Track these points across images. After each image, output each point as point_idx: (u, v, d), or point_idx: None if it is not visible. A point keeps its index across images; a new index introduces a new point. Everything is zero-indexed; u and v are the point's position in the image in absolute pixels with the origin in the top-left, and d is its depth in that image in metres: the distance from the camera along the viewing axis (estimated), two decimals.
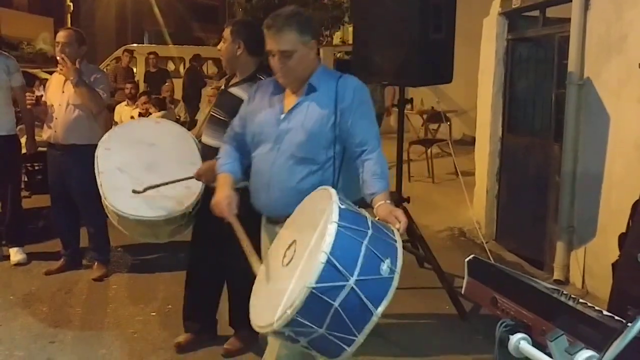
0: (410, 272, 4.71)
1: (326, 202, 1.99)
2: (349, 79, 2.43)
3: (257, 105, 2.50)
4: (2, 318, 3.86)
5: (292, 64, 2.33)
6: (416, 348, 3.54)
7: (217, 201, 2.40)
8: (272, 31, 2.31)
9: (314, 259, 1.80)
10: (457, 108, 9.99)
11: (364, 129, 2.36)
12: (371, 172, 2.31)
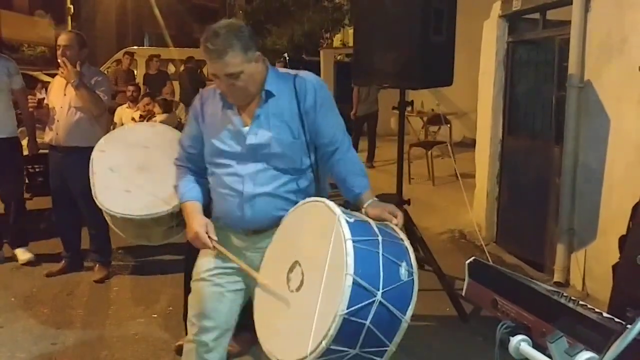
0: None
1: (327, 216, 1.91)
2: (305, 76, 2.27)
3: (211, 122, 2.28)
4: (3, 320, 3.87)
5: (241, 84, 2.14)
6: (417, 350, 3.54)
7: (195, 233, 2.22)
8: (213, 56, 2.08)
9: (338, 283, 1.75)
10: (457, 110, 10.01)
11: (331, 127, 2.25)
12: (350, 171, 2.24)
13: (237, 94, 2.18)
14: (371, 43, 4.22)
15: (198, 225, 2.23)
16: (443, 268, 4.14)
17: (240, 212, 2.21)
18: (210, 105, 2.29)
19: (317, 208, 2.01)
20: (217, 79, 2.15)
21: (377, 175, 8.56)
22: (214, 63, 2.09)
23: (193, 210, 2.28)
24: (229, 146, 2.21)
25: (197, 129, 2.31)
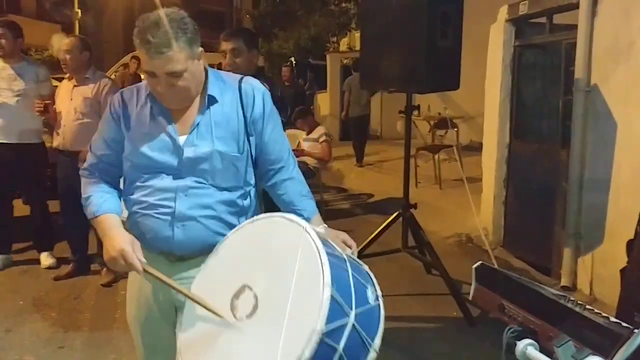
0: (417, 279, 4.75)
1: (290, 230, 1.68)
2: (253, 82, 2.01)
3: (137, 129, 1.92)
4: (11, 323, 3.90)
5: (183, 84, 1.82)
6: (423, 354, 3.55)
7: (120, 251, 1.80)
8: (154, 50, 1.74)
9: (313, 298, 1.50)
10: (464, 114, 10.00)
11: (278, 142, 2.01)
12: (297, 193, 2.01)
13: (176, 97, 1.86)
14: (378, 47, 4.23)
15: (123, 242, 1.82)
16: (450, 272, 4.14)
17: (169, 232, 1.88)
18: (134, 109, 1.94)
19: (274, 224, 1.76)
20: (151, 78, 1.82)
21: (383, 178, 8.58)
22: (153, 59, 1.75)
23: (113, 224, 1.88)
24: (160, 158, 1.88)
25: (117, 134, 1.96)
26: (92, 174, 2.00)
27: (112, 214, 1.92)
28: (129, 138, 1.93)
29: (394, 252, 4.60)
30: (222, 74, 2.01)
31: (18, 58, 4.89)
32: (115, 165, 1.99)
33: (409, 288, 4.59)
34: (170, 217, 1.87)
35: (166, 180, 1.89)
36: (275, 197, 2.04)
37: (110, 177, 2.01)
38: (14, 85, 4.74)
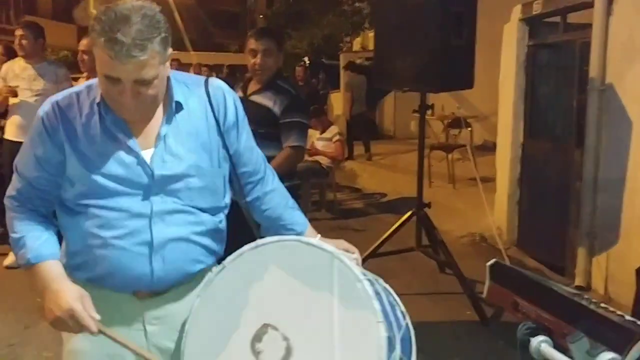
0: (431, 278, 4.75)
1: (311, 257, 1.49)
2: (219, 85, 1.71)
3: (86, 146, 1.55)
4: (29, 320, 3.94)
5: (152, 92, 1.49)
6: (437, 353, 3.54)
7: (69, 310, 1.49)
8: (124, 53, 1.40)
9: (365, 337, 1.38)
10: (478, 114, 9.97)
11: (254, 151, 1.78)
12: (283, 206, 1.79)
13: (141, 107, 1.52)
14: (391, 47, 4.25)
15: (71, 298, 1.49)
16: (463, 271, 4.15)
17: (146, 267, 1.57)
18: (77, 120, 1.56)
19: (287, 249, 1.53)
20: (112, 85, 1.47)
21: (396, 178, 8.57)
22: (122, 63, 1.41)
23: (55, 275, 1.54)
24: (122, 180, 1.55)
25: (53, 153, 1.56)
26: (22, 204, 1.61)
27: (52, 260, 1.56)
28: (75, 158, 1.55)
29: (407, 251, 4.61)
30: (181, 75, 1.68)
31: (38, 58, 4.97)
32: (49, 192, 1.60)
33: (423, 287, 4.59)
34: (148, 247, 1.56)
35: (135, 205, 1.55)
36: (258, 214, 1.78)
37: (44, 205, 1.62)
38: (34, 85, 4.82)
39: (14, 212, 1.61)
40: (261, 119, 3.13)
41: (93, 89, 1.59)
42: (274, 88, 3.27)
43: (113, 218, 1.55)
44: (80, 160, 1.55)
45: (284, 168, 3.26)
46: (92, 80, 1.62)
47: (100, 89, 1.54)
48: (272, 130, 3.21)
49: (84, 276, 1.59)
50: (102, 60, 1.45)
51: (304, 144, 3.35)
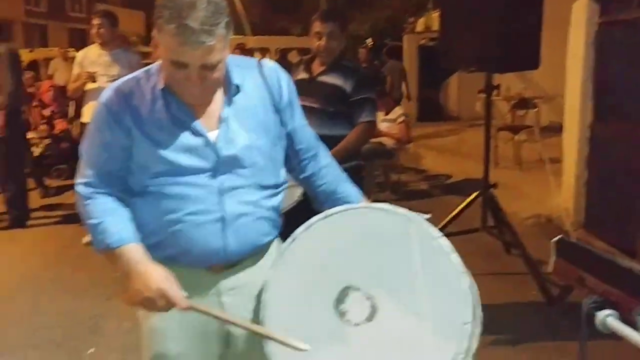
0: (496, 258, 4.74)
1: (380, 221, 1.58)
2: (273, 66, 1.78)
3: (152, 129, 1.62)
4: (110, 292, 4.14)
5: (216, 76, 1.56)
6: (502, 332, 3.56)
7: (157, 291, 1.55)
8: (193, 39, 1.45)
9: (450, 289, 1.46)
10: (544, 94, 9.74)
11: (306, 128, 1.85)
12: (340, 179, 1.86)
13: (205, 91, 1.59)
14: (456, 27, 4.24)
15: (159, 278, 1.56)
16: (529, 252, 4.13)
17: (219, 242, 1.63)
18: (141, 106, 1.63)
19: (359, 217, 1.63)
20: (178, 70, 1.53)
21: (461, 159, 8.50)
22: (190, 49, 1.47)
23: (141, 257, 1.59)
24: (191, 161, 1.62)
25: (121, 138, 1.62)
26: (95, 190, 1.65)
27: (133, 243, 1.61)
28: (144, 142, 1.61)
29: (473, 232, 4.61)
30: (235, 59, 1.72)
31: (113, 45, 5.22)
32: (119, 176, 1.66)
33: (488, 267, 4.59)
34: (221, 222, 1.63)
35: (205, 184, 1.62)
36: (313, 189, 1.85)
37: (116, 189, 1.66)
38: (110, 70, 5.08)
39: (88, 199, 1.64)
40: (332, 98, 3.25)
41: (152, 74, 1.65)
42: (340, 68, 3.37)
43: (185, 197, 1.61)
44: (149, 144, 1.61)
45: (360, 143, 3.41)
46: (150, 66, 1.68)
47: (165, 74, 1.59)
48: (342, 108, 3.32)
49: (160, 255, 1.63)
50: (170, 47, 1.49)
51: (375, 118, 3.46)
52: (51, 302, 4.11)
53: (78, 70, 5.33)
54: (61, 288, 4.37)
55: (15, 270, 4.75)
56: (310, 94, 3.36)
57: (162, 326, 1.70)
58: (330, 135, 3.26)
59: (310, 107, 3.33)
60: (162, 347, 1.72)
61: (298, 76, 3.52)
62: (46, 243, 5.49)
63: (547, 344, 3.48)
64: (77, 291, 4.29)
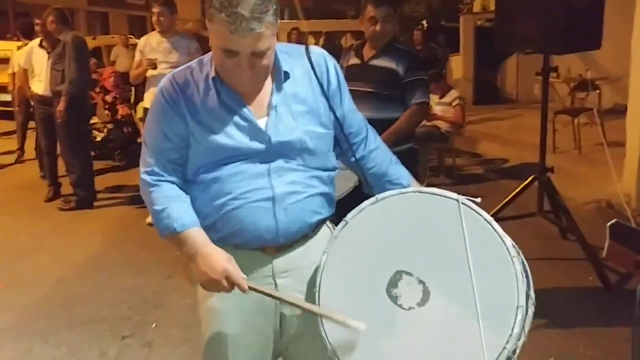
0: (553, 244, 4.69)
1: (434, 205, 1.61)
2: (320, 52, 1.81)
3: (207, 116, 1.68)
4: (171, 271, 4.33)
5: (266, 62, 1.61)
6: (557, 316, 3.54)
7: (221, 272, 1.62)
8: (244, 27, 1.50)
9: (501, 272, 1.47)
10: (607, 75, 9.42)
11: (357, 113, 1.88)
12: (390, 161, 1.88)
13: (255, 78, 1.64)
14: (514, 7, 4.16)
15: (223, 260, 1.63)
16: (587, 238, 4.06)
17: (271, 220, 1.69)
18: (195, 95, 1.69)
19: (408, 200, 1.65)
20: (229, 58, 1.58)
21: (520, 143, 8.34)
22: (241, 37, 1.51)
23: (204, 240, 1.68)
24: (243, 146, 1.67)
25: (180, 126, 1.69)
26: (159, 177, 1.72)
27: (196, 227, 1.69)
28: (198, 128, 1.68)
29: (528, 216, 4.56)
30: (283, 46, 1.76)
31: (172, 32, 5.36)
32: (179, 162, 1.73)
33: (544, 252, 4.55)
34: (271, 202, 1.68)
35: (255, 166, 1.68)
36: (364, 172, 1.86)
37: (176, 176, 1.74)
38: (169, 57, 5.22)
39: (152, 186, 1.71)
40: (385, 81, 3.28)
41: (205, 64, 1.71)
42: (392, 51, 3.38)
43: (238, 180, 1.67)
44: (203, 131, 1.66)
45: (412, 126, 3.41)
46: (203, 56, 1.74)
47: (216, 62, 1.63)
48: (395, 91, 3.34)
49: (216, 237, 1.70)
50: (220, 35, 1.54)
51: (428, 100, 3.46)
52: (116, 280, 4.32)
53: (139, 57, 5.50)
54: (126, 266, 4.58)
55: (83, 249, 5.00)
56: (363, 78, 3.39)
57: (221, 306, 1.77)
58: (384, 118, 3.29)
59: (364, 92, 3.36)
60: (221, 327, 1.78)
61: (350, 62, 3.56)
62: (111, 223, 5.75)
63: (602, 330, 3.44)
64: (141, 269, 4.49)
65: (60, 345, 3.39)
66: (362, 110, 3.39)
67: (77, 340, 3.45)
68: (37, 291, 4.14)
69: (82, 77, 6.11)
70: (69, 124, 6.07)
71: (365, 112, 3.18)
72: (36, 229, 5.61)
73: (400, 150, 3.00)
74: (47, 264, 4.69)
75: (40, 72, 6.49)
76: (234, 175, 1.68)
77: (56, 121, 6.14)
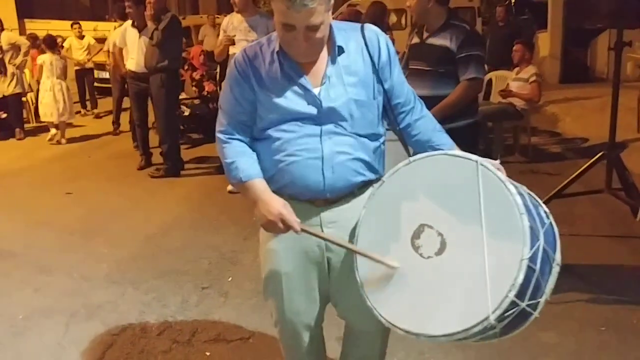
0: (622, 222, 4.65)
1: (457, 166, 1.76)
2: (373, 29, 2.02)
3: (270, 84, 1.93)
4: (247, 233, 4.63)
5: (320, 36, 1.83)
6: (619, 292, 3.57)
7: (279, 214, 1.87)
8: (299, 3, 1.72)
9: (511, 227, 1.60)
10: None
11: (404, 85, 2.06)
12: (433, 129, 2.07)
13: (311, 50, 1.87)
14: None
15: (280, 205, 1.89)
16: None
17: (319, 176, 1.92)
18: (262, 66, 1.95)
19: (436, 162, 1.83)
20: (287, 32, 1.81)
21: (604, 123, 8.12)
22: (296, 12, 1.74)
23: (265, 188, 1.94)
24: (299, 108, 1.92)
25: (247, 92, 1.96)
26: (231, 135, 2.00)
27: (259, 178, 1.95)
28: (263, 94, 1.94)
29: (594, 193, 4.55)
30: (341, 24, 1.99)
31: (251, 11, 5.61)
32: (248, 124, 2.00)
33: (612, 230, 4.53)
34: (320, 160, 1.91)
35: (308, 127, 1.92)
36: (409, 139, 2.07)
37: (245, 135, 2.00)
38: (249, 36, 5.48)
39: (224, 143, 2.00)
40: (440, 58, 3.39)
41: (272, 40, 1.96)
42: (448, 27, 3.47)
43: (293, 138, 1.91)
44: (267, 97, 1.92)
45: (461, 101, 3.44)
46: (272, 33, 1.98)
47: (278, 36, 1.89)
48: (451, 68, 3.44)
49: (274, 187, 1.95)
50: (280, 11, 1.78)
51: (481, 75, 3.49)
52: (199, 238, 4.71)
53: (223, 35, 5.80)
54: (207, 227, 4.97)
55: (170, 212, 5.44)
56: (421, 57, 3.52)
57: (276, 248, 2.06)
58: (442, 95, 3.39)
59: (421, 70, 3.50)
60: (276, 265, 2.07)
61: (412, 41, 3.69)
62: (196, 190, 6.18)
63: None
64: (220, 230, 4.87)
65: (148, 292, 3.79)
66: (420, 88, 3.59)
67: (163, 288, 3.83)
68: (130, 245, 4.60)
69: (179, 54, 6.50)
70: (166, 98, 6.52)
71: (424, 89, 3.38)
72: (130, 192, 6.14)
73: (458, 127, 3.11)
74: (138, 223, 5.15)
75: (133, 50, 6.91)
76: (290, 136, 1.92)
77: (152, 96, 6.60)
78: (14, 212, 5.60)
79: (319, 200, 1.98)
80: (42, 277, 4.06)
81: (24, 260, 4.38)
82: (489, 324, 1.56)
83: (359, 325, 2.18)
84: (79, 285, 3.92)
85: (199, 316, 3.46)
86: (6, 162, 7.67)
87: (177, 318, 3.45)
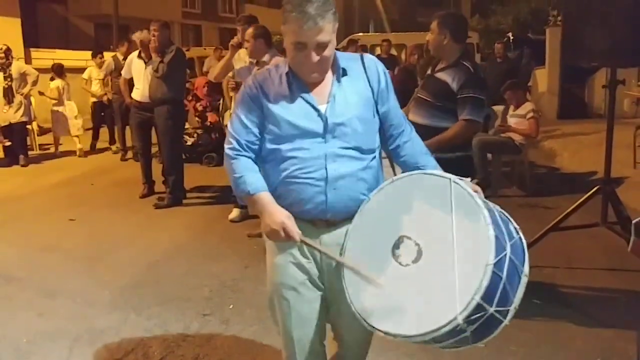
0: (618, 254, 4.69)
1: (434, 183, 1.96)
2: (372, 57, 2.24)
3: (278, 103, 2.09)
4: (249, 261, 4.71)
5: (327, 54, 2.02)
6: (615, 324, 3.61)
7: (282, 223, 2.01)
8: (310, 22, 1.92)
9: (478, 237, 1.77)
10: None
11: (398, 109, 2.26)
12: (420, 152, 2.26)
13: (320, 67, 2.04)
14: (581, 20, 4.24)
15: (282, 216, 2.04)
16: None
17: (322, 197, 2.07)
18: (271, 88, 2.12)
19: (416, 180, 2.04)
20: (299, 51, 2.00)
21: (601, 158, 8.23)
22: (307, 30, 1.94)
23: (270, 201, 2.08)
24: (306, 125, 2.07)
25: (258, 113, 2.12)
26: (239, 152, 2.14)
27: (265, 191, 2.09)
28: (271, 113, 2.09)
29: (591, 226, 4.62)
30: (342, 54, 2.19)
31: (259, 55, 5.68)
32: (255, 144, 2.14)
33: (608, 263, 4.59)
34: (324, 182, 2.06)
35: (314, 148, 2.06)
36: (397, 159, 2.27)
37: (252, 152, 2.15)
38: None
39: (232, 159, 2.15)
40: (439, 92, 3.54)
41: (280, 67, 2.15)
42: (455, 66, 3.60)
43: (299, 158, 2.07)
44: (275, 115, 2.08)
45: (456, 139, 3.55)
46: (279, 62, 2.19)
47: (289, 57, 2.07)
48: (448, 103, 3.56)
49: (279, 204, 2.08)
50: (293, 31, 1.98)
51: (477, 118, 3.57)
52: (200, 266, 4.76)
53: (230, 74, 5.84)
54: (208, 255, 5.03)
55: (173, 240, 5.50)
56: (427, 88, 3.68)
57: (281, 263, 2.19)
58: (434, 126, 3.56)
59: (423, 100, 3.66)
60: (280, 278, 2.20)
61: (428, 72, 3.86)
62: (198, 218, 6.26)
63: None
64: (221, 258, 4.92)
65: (150, 318, 3.83)
66: (419, 115, 3.73)
67: (165, 314, 3.88)
68: (133, 273, 4.65)
69: (183, 86, 6.59)
70: (172, 130, 6.64)
71: (420, 118, 3.52)
72: (132, 220, 6.22)
73: (449, 158, 3.21)
74: (141, 250, 5.22)
75: (138, 80, 7.01)
76: (296, 155, 2.07)
77: (156, 127, 6.71)
78: (18, 237, 5.67)
79: (320, 221, 2.13)
80: (46, 301, 4.12)
81: (28, 285, 4.44)
82: (457, 324, 1.72)
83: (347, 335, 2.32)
84: (83, 310, 3.97)
85: (200, 342, 3.51)
86: (10, 188, 7.77)
87: (179, 344, 3.49)
